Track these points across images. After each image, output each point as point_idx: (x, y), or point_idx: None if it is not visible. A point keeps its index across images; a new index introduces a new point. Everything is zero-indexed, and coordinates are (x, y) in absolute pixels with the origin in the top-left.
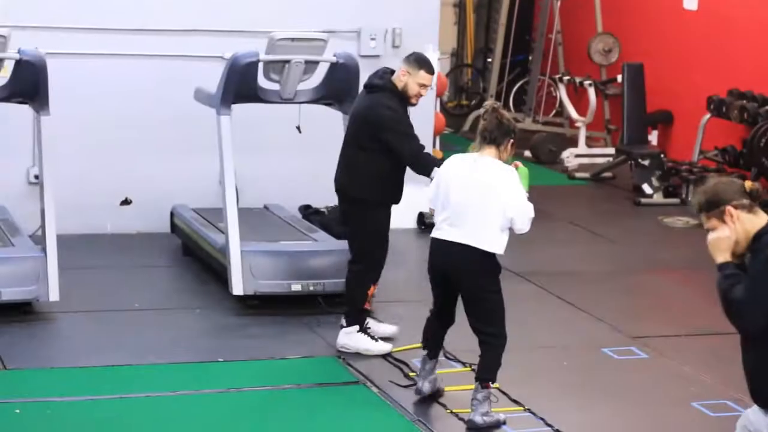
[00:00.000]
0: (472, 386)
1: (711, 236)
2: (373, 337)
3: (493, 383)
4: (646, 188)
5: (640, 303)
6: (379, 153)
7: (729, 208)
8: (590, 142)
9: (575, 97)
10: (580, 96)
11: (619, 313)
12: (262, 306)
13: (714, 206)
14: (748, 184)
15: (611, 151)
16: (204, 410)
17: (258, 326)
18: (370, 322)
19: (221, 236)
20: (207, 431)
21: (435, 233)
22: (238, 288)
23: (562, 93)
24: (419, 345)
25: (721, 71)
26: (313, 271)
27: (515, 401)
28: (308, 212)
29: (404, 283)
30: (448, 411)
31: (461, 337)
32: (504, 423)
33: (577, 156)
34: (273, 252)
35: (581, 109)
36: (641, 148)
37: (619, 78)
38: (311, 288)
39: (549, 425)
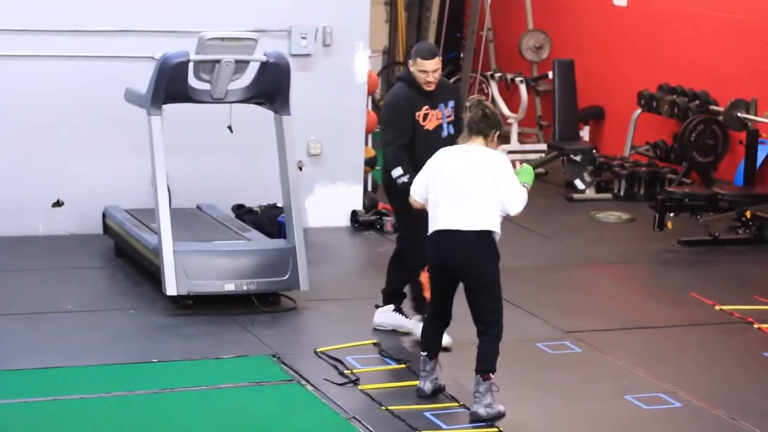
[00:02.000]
0: (406, 383)
1: None
2: (406, 316)
3: (493, 374)
4: (579, 184)
5: (574, 298)
6: None
7: None
8: (522, 138)
9: (507, 93)
10: (511, 93)
11: (553, 308)
12: (195, 306)
13: None
14: None
15: (543, 147)
16: (138, 411)
17: (192, 326)
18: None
19: (154, 237)
20: None
21: (436, 226)
22: (171, 288)
23: (494, 90)
24: (354, 344)
25: (651, 67)
26: (246, 271)
27: (451, 397)
28: (241, 212)
29: (337, 281)
30: (383, 408)
31: (395, 334)
32: (504, 414)
33: (510, 152)
34: (206, 252)
35: (513, 106)
36: (573, 143)
37: (550, 74)
38: (245, 287)
39: (484, 421)
